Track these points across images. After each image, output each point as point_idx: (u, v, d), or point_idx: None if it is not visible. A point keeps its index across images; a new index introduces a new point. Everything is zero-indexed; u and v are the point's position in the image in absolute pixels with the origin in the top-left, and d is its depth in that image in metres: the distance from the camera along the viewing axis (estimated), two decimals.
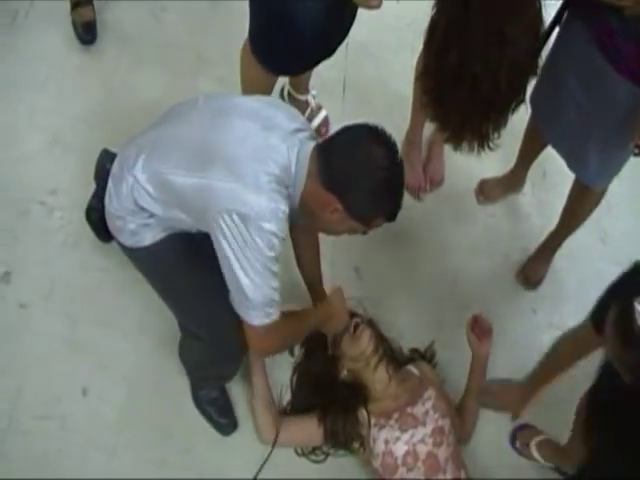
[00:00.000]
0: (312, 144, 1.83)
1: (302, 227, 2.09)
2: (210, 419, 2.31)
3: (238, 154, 1.74)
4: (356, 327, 2.27)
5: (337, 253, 2.56)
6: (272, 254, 1.74)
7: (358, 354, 2.23)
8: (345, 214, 1.79)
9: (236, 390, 2.34)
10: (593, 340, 1.87)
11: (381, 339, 2.34)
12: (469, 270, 2.74)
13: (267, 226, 1.70)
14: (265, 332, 1.83)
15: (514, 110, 1.84)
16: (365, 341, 2.24)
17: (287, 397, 2.32)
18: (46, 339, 2.28)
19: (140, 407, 2.27)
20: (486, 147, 1.91)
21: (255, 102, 1.88)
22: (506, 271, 2.76)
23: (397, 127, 2.62)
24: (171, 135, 1.85)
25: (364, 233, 1.93)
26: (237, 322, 1.86)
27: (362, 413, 2.21)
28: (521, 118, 2.07)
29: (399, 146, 1.81)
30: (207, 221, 1.75)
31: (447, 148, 2.75)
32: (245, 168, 1.72)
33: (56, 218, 2.47)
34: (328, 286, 2.37)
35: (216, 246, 1.76)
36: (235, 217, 1.68)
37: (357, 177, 1.76)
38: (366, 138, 1.78)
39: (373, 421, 2.19)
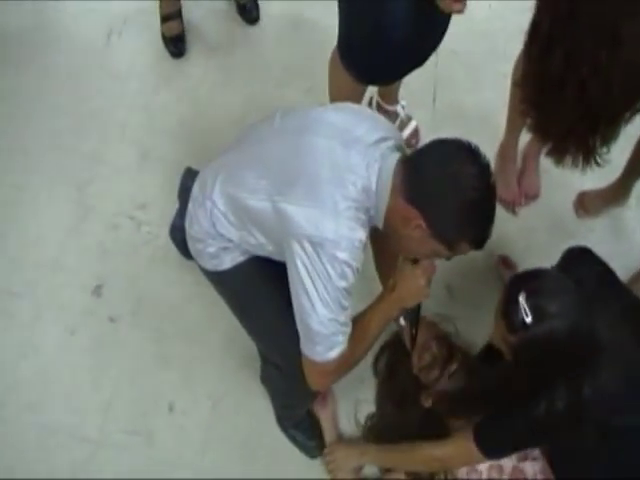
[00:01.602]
0: (396, 156, 1.76)
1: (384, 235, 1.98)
2: (296, 442, 2.35)
3: (316, 177, 1.71)
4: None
5: None
6: (344, 285, 1.68)
7: None
8: (428, 233, 1.70)
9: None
10: None
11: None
12: None
13: (341, 255, 1.65)
14: (324, 369, 1.79)
15: (628, 121, 1.70)
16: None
17: (363, 413, 2.31)
18: (134, 354, 2.40)
19: (225, 426, 2.34)
20: (592, 162, 1.76)
21: (334, 114, 1.84)
22: None
23: (490, 138, 2.63)
24: (247, 158, 1.85)
25: (448, 259, 1.83)
26: None
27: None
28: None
29: (492, 160, 1.78)
30: (283, 248, 1.74)
31: (543, 160, 2.76)
32: (323, 192, 1.69)
33: (144, 233, 2.58)
34: None
35: (289, 274, 1.74)
36: (308, 244, 1.66)
37: (444, 194, 1.67)
38: (458, 154, 1.70)
39: None
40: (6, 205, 2.64)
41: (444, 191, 1.66)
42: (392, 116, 2.87)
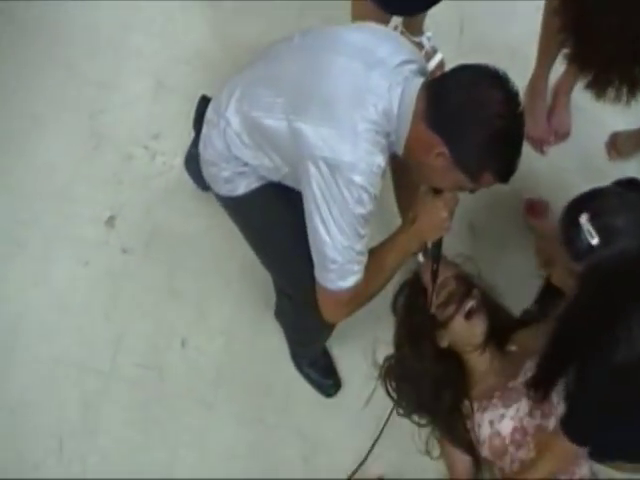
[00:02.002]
0: (420, 80, 1.70)
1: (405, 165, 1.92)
2: (311, 381, 2.37)
3: (335, 96, 1.65)
4: (470, 313, 2.14)
5: None
6: (361, 211, 1.64)
7: (468, 342, 2.15)
8: (450, 161, 1.64)
9: (338, 350, 2.36)
10: None
11: (493, 312, 2.23)
12: None
13: (358, 179, 1.61)
14: (338, 299, 1.77)
15: None
16: (479, 331, 2.15)
17: (381, 353, 2.28)
18: (147, 287, 2.41)
19: (238, 362, 2.36)
20: (638, 95, 1.66)
21: (357, 33, 1.77)
22: None
23: (519, 73, 2.53)
24: (264, 76, 1.80)
25: (472, 192, 1.78)
26: None
27: (465, 404, 2.17)
28: None
29: (521, 96, 1.70)
30: (298, 171, 1.70)
31: (574, 96, 2.73)
32: (342, 112, 1.63)
33: (158, 163, 2.56)
34: None
35: (304, 197, 1.71)
36: (324, 165, 1.61)
37: (469, 120, 1.61)
38: (485, 80, 1.63)
39: (475, 406, 2.15)
40: (17, 134, 2.60)
41: (469, 118, 1.60)
42: (417, 47, 2.77)
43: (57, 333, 2.34)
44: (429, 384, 2.18)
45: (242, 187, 1.87)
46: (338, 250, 1.66)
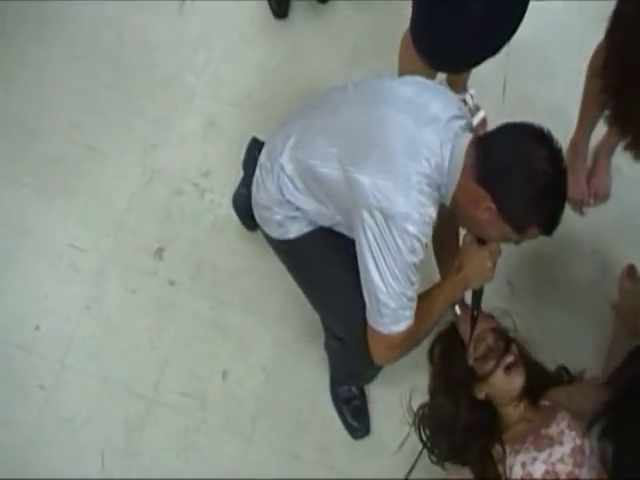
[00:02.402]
0: (468, 136, 1.87)
1: (444, 214, 2.05)
2: (343, 419, 2.54)
3: (391, 149, 1.81)
4: (509, 367, 2.29)
5: None
6: (413, 259, 1.81)
7: (506, 395, 2.30)
8: (497, 215, 1.81)
9: (375, 392, 2.58)
10: None
11: (530, 367, 2.38)
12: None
13: (412, 229, 1.77)
14: (390, 342, 1.93)
15: None
16: (517, 385, 2.28)
17: (417, 401, 2.43)
18: (191, 318, 2.62)
19: (277, 397, 2.54)
20: None
21: (408, 87, 1.94)
22: None
23: (560, 133, 2.58)
24: (320, 125, 1.96)
25: (516, 243, 1.94)
26: None
27: (497, 449, 2.28)
28: None
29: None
30: (352, 218, 1.86)
31: (615, 159, 2.89)
32: (397, 166, 1.79)
33: (207, 200, 2.81)
34: None
35: (357, 245, 1.86)
36: (379, 215, 1.77)
37: (516, 177, 1.77)
38: (531, 138, 1.80)
39: (508, 450, 2.25)
40: (78, 163, 2.88)
41: (515, 174, 1.77)
42: None
43: (105, 355, 2.55)
44: (461, 432, 2.30)
45: (294, 231, 2.06)
46: (391, 296, 1.84)
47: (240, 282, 2.69)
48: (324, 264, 2.11)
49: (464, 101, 2.99)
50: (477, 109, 3.04)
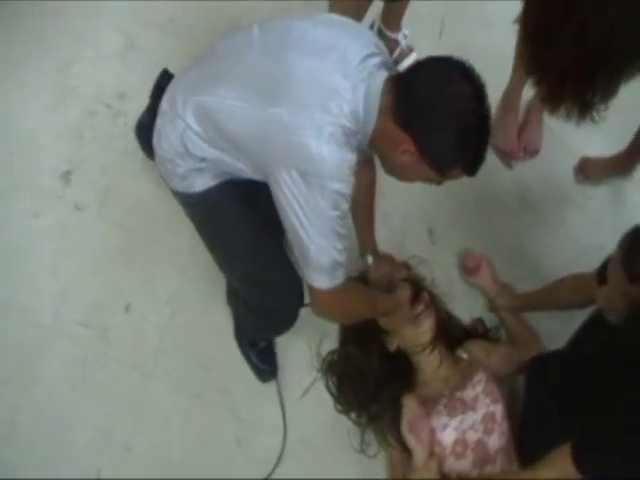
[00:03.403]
0: (384, 74, 1.89)
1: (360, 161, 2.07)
2: (250, 362, 2.67)
3: (299, 101, 1.82)
4: (419, 314, 2.47)
5: (411, 208, 2.84)
6: (337, 213, 1.87)
7: (416, 342, 2.47)
8: (418, 157, 1.85)
9: (283, 338, 2.66)
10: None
11: (443, 319, 2.58)
12: (555, 255, 2.91)
13: (331, 185, 1.82)
14: (330, 296, 2.02)
15: (632, 76, 1.77)
16: (426, 332, 2.46)
17: (326, 348, 2.63)
18: (96, 246, 2.74)
19: (181, 334, 2.68)
20: (588, 117, 1.85)
21: (320, 27, 1.94)
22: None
23: (496, 86, 2.70)
24: (224, 74, 1.95)
25: (438, 184, 2.00)
26: (286, 290, 2.17)
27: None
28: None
29: (495, 106, 1.96)
30: (265, 174, 1.91)
31: (548, 116, 3.12)
32: (307, 117, 1.80)
33: (120, 124, 2.91)
34: (396, 243, 2.71)
35: (276, 203, 1.91)
36: (295, 174, 1.81)
37: (438, 117, 1.80)
38: (453, 74, 1.82)
39: None
40: None
41: (437, 113, 1.81)
42: (392, 44, 3.08)
43: (3, 279, 2.66)
44: (371, 383, 2.47)
45: (199, 184, 2.09)
46: (321, 252, 1.91)
47: (150, 212, 2.80)
48: (230, 223, 2.17)
49: (397, 41, 3.07)
50: (410, 50, 3.11)
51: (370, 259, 2.58)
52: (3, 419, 2.53)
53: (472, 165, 1.90)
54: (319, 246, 1.89)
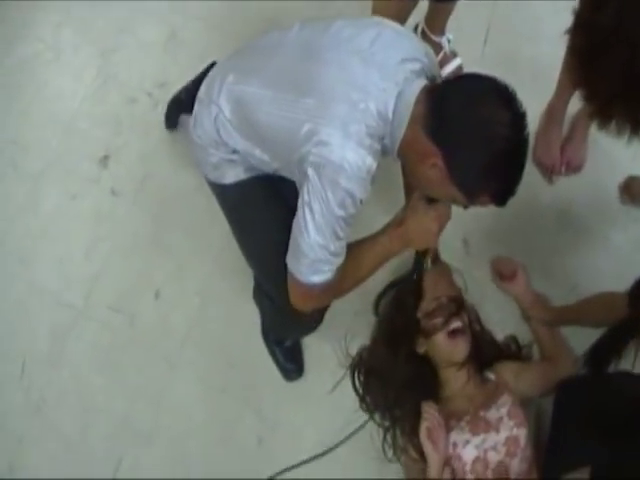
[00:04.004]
0: (422, 82, 1.91)
1: None
2: (275, 360, 2.80)
3: (328, 93, 1.88)
4: (455, 332, 2.53)
5: None
6: (341, 214, 1.89)
7: (447, 359, 2.54)
8: (445, 175, 1.86)
9: (309, 338, 2.81)
10: (621, 310, 2.23)
11: (477, 336, 2.65)
12: (593, 276, 2.95)
13: (344, 183, 1.85)
14: (306, 291, 2.05)
15: None
16: (459, 351, 2.52)
17: (353, 346, 2.69)
18: (130, 233, 2.90)
19: (209, 327, 2.82)
20: None
21: (357, 29, 1.98)
22: None
23: (539, 96, 2.91)
24: (259, 65, 2.05)
25: (465, 207, 2.01)
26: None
27: None
28: None
29: (538, 118, 1.93)
30: (290, 168, 1.99)
31: (594, 130, 3.00)
32: (333, 110, 1.86)
33: (160, 113, 3.05)
34: None
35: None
36: (312, 164, 1.86)
37: (470, 137, 1.81)
38: (494, 96, 1.82)
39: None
40: (29, 58, 3.14)
41: (470, 134, 1.80)
42: (436, 48, 3.10)
43: (36, 259, 2.83)
44: (397, 385, 2.54)
45: (230, 176, 2.20)
46: (313, 247, 1.94)
47: (185, 202, 2.95)
48: (259, 219, 2.25)
49: (440, 45, 3.11)
50: (453, 55, 3.16)
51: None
52: (32, 395, 2.69)
53: (500, 195, 1.89)
54: (313, 240, 1.92)
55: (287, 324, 2.53)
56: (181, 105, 2.42)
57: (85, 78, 3.11)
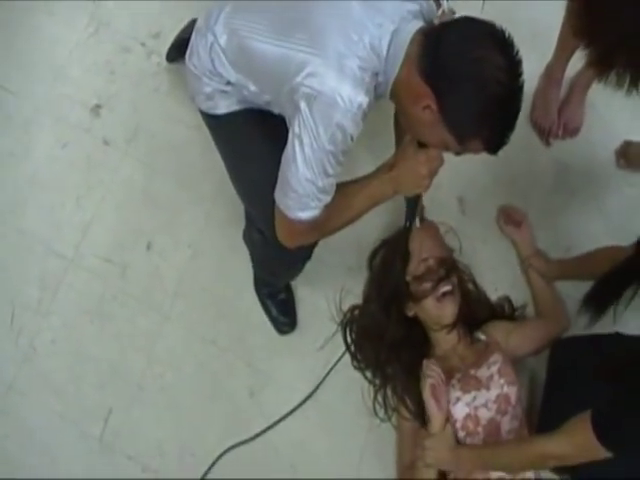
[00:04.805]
0: (418, 23, 2.00)
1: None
2: (268, 313, 2.96)
3: (323, 24, 1.97)
4: (444, 295, 2.67)
5: (444, 175, 2.75)
6: (331, 149, 1.98)
7: (436, 321, 2.69)
8: (438, 118, 1.95)
9: (302, 291, 3.01)
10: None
11: (469, 296, 2.82)
12: (588, 239, 3.07)
13: (336, 117, 1.94)
14: (295, 226, 2.16)
15: None
16: (448, 313, 2.67)
17: (347, 302, 2.87)
18: (121, 183, 3.02)
19: (200, 278, 2.96)
20: None
21: None
22: None
23: (538, 57, 3.06)
24: (260, 5, 2.15)
25: (457, 154, 2.10)
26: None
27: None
28: None
29: (536, 80, 2.04)
30: (281, 102, 2.09)
31: (591, 94, 3.17)
32: (328, 41, 1.95)
33: (153, 63, 3.19)
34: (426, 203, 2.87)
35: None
36: (305, 97, 1.95)
37: (465, 80, 1.88)
38: (490, 40, 1.89)
39: None
40: (21, 3, 3.21)
41: (464, 76, 1.89)
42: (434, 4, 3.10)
43: (26, 207, 2.94)
44: (388, 343, 2.71)
45: (223, 107, 2.32)
46: (300, 182, 2.04)
47: (177, 153, 3.08)
48: (250, 150, 2.37)
49: (438, 2, 3.08)
50: (452, 13, 3.03)
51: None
52: (23, 343, 2.81)
53: (492, 140, 1.98)
54: (302, 175, 2.01)
55: (276, 259, 2.60)
56: (182, 41, 2.57)
57: (77, 25, 3.20)
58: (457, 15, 3.01)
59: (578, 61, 2.68)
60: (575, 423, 2.12)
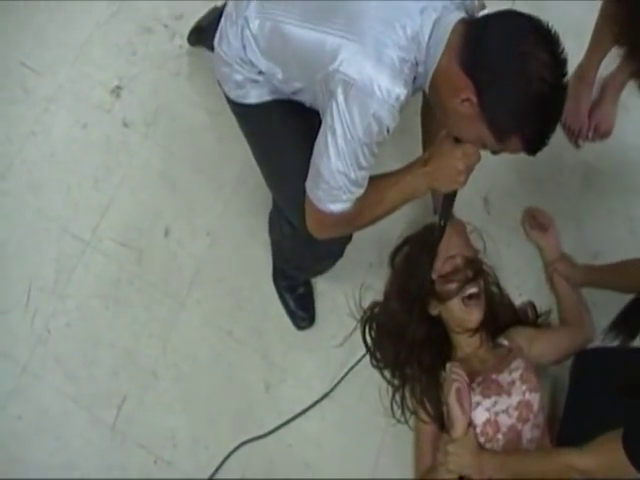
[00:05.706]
0: (460, 14, 2.04)
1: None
2: (286, 306, 3.07)
3: (363, 9, 2.01)
4: (470, 298, 2.77)
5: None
6: (366, 140, 2.03)
7: (459, 324, 2.80)
8: (477, 112, 1.97)
9: (321, 286, 3.13)
10: None
11: (493, 300, 2.92)
12: (614, 247, 3.20)
13: (373, 107, 1.98)
14: (325, 217, 2.22)
15: None
16: (473, 318, 2.77)
17: (367, 299, 3.00)
18: (140, 166, 3.15)
19: (218, 267, 3.08)
20: None
21: None
22: None
23: (570, 56, 3.02)
24: None
25: (494, 153, 2.14)
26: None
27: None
28: None
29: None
30: (314, 90, 2.14)
31: (624, 95, 3.27)
32: (366, 27, 1.99)
33: (175, 45, 3.34)
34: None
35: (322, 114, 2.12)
36: (341, 85, 2.00)
37: (507, 75, 1.92)
38: (536, 36, 1.92)
39: None
40: None
41: (507, 70, 1.92)
42: None
43: (46, 187, 3.07)
44: (409, 343, 2.81)
45: (253, 96, 2.40)
46: (332, 172, 2.09)
47: (198, 138, 3.21)
48: (281, 139, 2.45)
49: None
50: (482, 7, 3.15)
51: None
52: (38, 325, 2.92)
53: (533, 140, 2.01)
54: (334, 166, 2.07)
55: (306, 252, 2.69)
56: (207, 26, 2.76)
57: (99, 4, 3.34)
58: (486, 10, 3.25)
59: (610, 61, 2.94)
60: (606, 441, 2.20)
